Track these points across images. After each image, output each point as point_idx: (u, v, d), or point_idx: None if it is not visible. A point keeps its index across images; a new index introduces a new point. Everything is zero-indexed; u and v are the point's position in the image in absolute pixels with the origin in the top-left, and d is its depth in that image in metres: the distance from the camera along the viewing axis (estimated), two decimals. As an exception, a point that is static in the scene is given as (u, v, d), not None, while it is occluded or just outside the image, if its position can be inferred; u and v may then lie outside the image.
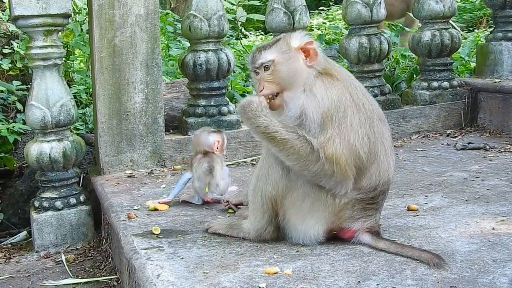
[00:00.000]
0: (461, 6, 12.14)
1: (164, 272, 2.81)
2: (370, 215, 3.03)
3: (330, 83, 2.93)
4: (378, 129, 2.99)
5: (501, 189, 3.89)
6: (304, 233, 3.05)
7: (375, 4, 5.48)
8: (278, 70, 2.98)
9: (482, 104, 5.71)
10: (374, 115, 3.00)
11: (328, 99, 2.89)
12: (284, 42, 3.01)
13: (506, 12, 5.81)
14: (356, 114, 2.92)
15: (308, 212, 3.00)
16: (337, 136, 2.87)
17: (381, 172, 2.99)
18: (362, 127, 2.93)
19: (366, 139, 2.93)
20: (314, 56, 2.98)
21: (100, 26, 4.64)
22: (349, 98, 2.93)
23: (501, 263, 2.77)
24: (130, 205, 3.95)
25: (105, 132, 4.73)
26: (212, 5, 5.03)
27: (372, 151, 2.95)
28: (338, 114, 2.88)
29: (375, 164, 2.97)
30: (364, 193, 2.98)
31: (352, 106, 2.92)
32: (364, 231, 3.02)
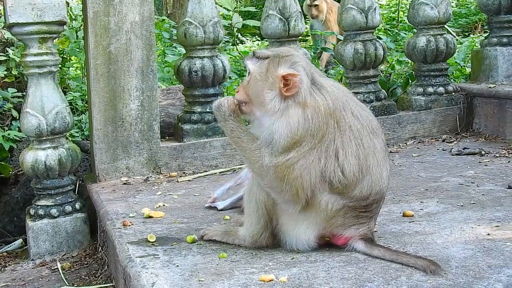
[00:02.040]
0: (457, 11, 12.17)
1: (159, 280, 2.81)
2: (364, 223, 3.02)
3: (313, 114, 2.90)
4: (369, 143, 2.99)
5: (496, 195, 3.90)
6: (296, 238, 3.05)
7: (370, 10, 5.49)
8: (252, 84, 3.01)
9: (477, 109, 5.72)
10: (364, 131, 2.99)
11: (303, 129, 2.88)
12: (271, 62, 2.97)
13: (501, 17, 5.83)
14: (338, 138, 2.92)
15: (300, 217, 3.00)
16: (301, 159, 2.89)
17: (373, 182, 2.99)
18: (347, 148, 2.93)
19: (353, 158, 2.93)
20: (293, 89, 2.91)
21: (95, 33, 4.64)
22: (334, 125, 2.92)
23: (496, 269, 2.77)
24: (126, 212, 3.94)
25: (100, 139, 4.73)
26: (208, 12, 5.03)
27: (364, 165, 2.96)
28: (313, 141, 2.89)
29: (367, 176, 2.97)
30: (356, 201, 2.97)
31: (335, 131, 2.92)
32: (357, 238, 3.02)
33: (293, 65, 2.95)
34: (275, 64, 2.96)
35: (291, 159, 2.88)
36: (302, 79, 2.92)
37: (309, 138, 2.88)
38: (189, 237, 3.32)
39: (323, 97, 2.95)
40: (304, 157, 2.88)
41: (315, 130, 2.89)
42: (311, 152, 2.89)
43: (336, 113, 2.94)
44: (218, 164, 5.03)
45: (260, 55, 3.03)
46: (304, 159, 2.88)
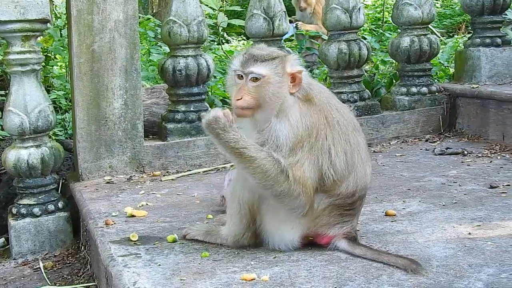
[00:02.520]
0: (441, 11, 12.23)
1: (141, 279, 2.80)
2: (347, 221, 3.04)
3: (307, 110, 2.95)
4: (354, 140, 3.04)
5: (478, 194, 3.92)
6: (280, 239, 3.06)
7: (355, 10, 5.50)
8: (265, 88, 2.94)
9: (460, 109, 5.75)
10: (349, 127, 3.04)
11: (302, 126, 2.92)
12: (280, 63, 2.97)
13: (484, 18, 5.86)
14: (329, 134, 2.96)
15: (285, 218, 3.00)
16: (306, 160, 2.91)
17: (358, 179, 3.02)
18: (337, 144, 2.97)
19: (342, 154, 2.97)
20: (298, 85, 2.98)
21: (78, 32, 4.62)
22: (324, 121, 2.96)
23: (477, 267, 2.79)
24: (108, 211, 3.93)
25: (83, 138, 4.71)
26: (192, 11, 5.02)
27: (350, 161, 2.99)
28: (310, 140, 2.92)
29: (353, 173, 3.00)
30: (342, 198, 2.99)
31: (326, 127, 2.96)
32: (341, 237, 3.03)
33: (295, 62, 3.03)
34: (284, 66, 2.98)
35: (300, 160, 2.90)
36: (304, 75, 3.02)
37: (307, 137, 2.91)
38: (170, 237, 3.32)
39: (314, 94, 3.00)
40: (307, 158, 2.91)
41: (311, 128, 2.92)
42: (311, 151, 2.92)
43: (324, 109, 2.98)
44: (201, 163, 5.02)
45: (265, 57, 2.98)
46: (309, 159, 2.91)
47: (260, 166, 2.85)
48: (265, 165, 2.86)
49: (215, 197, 4.13)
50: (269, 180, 2.87)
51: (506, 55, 5.80)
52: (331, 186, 2.97)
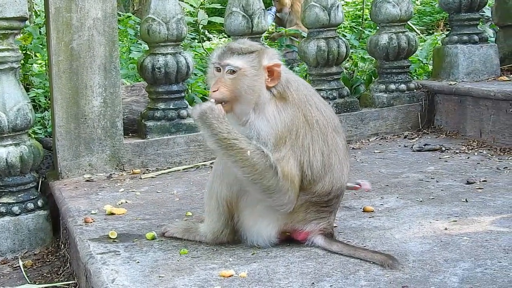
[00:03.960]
0: (421, 9, 12.32)
1: (119, 277, 2.81)
2: (324, 217, 3.07)
3: (284, 107, 2.96)
4: (333, 141, 3.04)
5: (455, 190, 3.97)
6: (257, 235, 3.08)
7: (333, 7, 5.54)
8: (240, 80, 2.96)
9: (438, 106, 5.80)
10: (329, 128, 3.04)
11: (281, 123, 2.93)
12: (257, 56, 2.99)
13: (462, 15, 5.91)
14: (308, 133, 2.97)
15: (262, 214, 3.03)
16: (291, 157, 2.93)
17: (335, 179, 3.04)
18: (315, 143, 2.98)
19: (319, 154, 2.98)
20: (276, 79, 2.98)
21: (57, 30, 4.61)
22: (302, 119, 2.97)
23: (452, 262, 2.82)
24: (88, 209, 3.93)
25: (63, 136, 4.70)
26: (171, 9, 5.03)
27: (327, 162, 3.00)
28: (291, 137, 2.93)
29: (329, 173, 3.01)
30: (318, 196, 3.01)
31: (305, 126, 2.97)
32: (317, 233, 3.06)
33: (274, 56, 3.03)
34: (260, 59, 2.99)
35: (285, 156, 2.91)
36: (283, 69, 3.02)
37: (288, 134, 2.93)
38: (148, 234, 3.33)
39: (292, 90, 3.01)
40: (291, 155, 2.93)
41: (290, 125, 2.94)
42: (293, 148, 2.94)
43: (302, 107, 2.99)
44: (181, 160, 5.03)
45: (243, 50, 2.99)
46: (293, 156, 2.93)
47: (249, 159, 2.86)
48: (253, 158, 2.87)
49: (195, 194, 4.15)
50: (257, 174, 2.88)
51: (483, 52, 5.86)
52: (308, 185, 2.99)
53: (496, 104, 5.12)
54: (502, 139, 5.04)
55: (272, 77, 2.98)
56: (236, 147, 2.88)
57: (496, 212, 3.51)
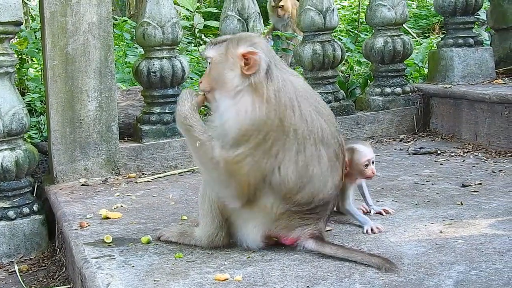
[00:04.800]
0: (417, 12, 12.32)
1: (114, 281, 2.81)
2: (310, 224, 3.03)
3: (259, 104, 2.88)
4: (312, 152, 2.94)
5: (450, 193, 3.97)
6: (245, 237, 3.09)
7: (328, 11, 5.55)
8: (214, 69, 3.01)
9: (434, 109, 5.81)
10: (311, 139, 2.94)
11: (249, 120, 2.87)
12: (231, 44, 2.98)
13: (457, 19, 5.93)
14: (281, 140, 2.89)
15: (248, 217, 3.03)
16: (249, 157, 2.88)
17: (315, 190, 2.97)
18: (287, 152, 2.91)
19: (292, 164, 2.91)
20: (253, 67, 2.91)
21: (52, 34, 4.61)
22: (277, 123, 2.88)
23: (447, 265, 2.82)
24: (83, 214, 3.93)
25: (58, 141, 4.70)
26: (166, 13, 5.03)
27: (304, 174, 2.93)
28: (257, 137, 2.87)
29: (309, 185, 2.95)
30: (299, 206, 2.98)
31: (279, 131, 2.89)
32: (307, 238, 3.03)
33: (253, 45, 2.96)
34: (234, 44, 2.97)
35: (240, 154, 2.87)
36: (261, 58, 2.92)
37: (255, 132, 2.86)
38: (144, 238, 3.33)
39: (271, 89, 2.91)
40: (252, 154, 2.87)
41: (260, 125, 2.86)
42: (257, 149, 2.87)
43: (281, 111, 2.90)
44: (177, 164, 5.03)
45: (217, 40, 3.06)
46: (252, 156, 2.87)
47: (199, 149, 2.95)
48: (202, 148, 2.94)
49: (190, 198, 4.15)
50: (204, 163, 2.98)
51: (478, 55, 5.87)
52: (286, 193, 2.94)
53: (491, 107, 5.12)
54: (497, 142, 5.05)
55: (249, 65, 2.92)
56: (190, 133, 3.00)
57: (491, 215, 3.51)
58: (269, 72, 2.94)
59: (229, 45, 2.98)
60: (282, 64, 3.07)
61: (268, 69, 2.94)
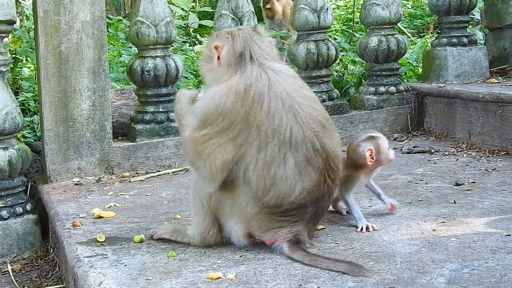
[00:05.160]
0: (412, 12, 12.33)
1: (107, 280, 2.81)
2: (284, 226, 2.99)
3: (228, 93, 2.89)
4: (273, 154, 2.88)
5: (443, 192, 3.97)
6: (229, 232, 3.12)
7: (323, 10, 5.55)
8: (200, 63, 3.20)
9: (428, 108, 5.81)
10: (275, 139, 2.88)
11: (214, 104, 2.90)
12: (210, 37, 3.12)
13: (451, 18, 5.93)
14: (244, 132, 2.89)
15: (229, 214, 3.06)
16: (213, 139, 2.91)
17: (282, 194, 2.91)
18: (249, 147, 2.89)
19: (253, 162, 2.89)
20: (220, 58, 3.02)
21: (45, 33, 4.60)
22: (243, 115, 2.88)
23: (440, 263, 2.83)
24: (76, 213, 3.93)
25: (51, 140, 4.69)
26: (160, 11, 5.02)
27: (266, 175, 2.89)
28: (222, 123, 2.88)
29: (274, 186, 2.90)
30: (270, 207, 2.95)
31: (244, 123, 2.88)
32: (281, 241, 2.99)
33: (227, 37, 3.02)
34: (213, 38, 3.07)
35: (205, 135, 2.92)
36: (229, 50, 2.99)
37: (220, 119, 2.88)
38: (137, 237, 3.32)
39: (241, 81, 2.92)
40: (216, 137, 2.91)
41: (225, 112, 2.88)
42: (222, 134, 2.89)
43: (248, 104, 2.88)
44: (171, 164, 5.02)
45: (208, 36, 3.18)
46: (216, 139, 2.91)
47: (181, 132, 3.15)
48: (182, 131, 3.11)
49: (184, 197, 4.14)
50: (182, 146, 3.15)
51: (472, 55, 5.88)
52: (256, 193, 2.92)
53: (485, 106, 5.13)
54: (490, 141, 5.06)
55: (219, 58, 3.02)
56: (180, 123, 3.17)
57: (484, 213, 3.52)
58: (242, 64, 2.97)
59: (209, 40, 3.09)
60: (263, 56, 3.02)
61: (241, 61, 2.97)
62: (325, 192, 3.03)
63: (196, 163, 3.01)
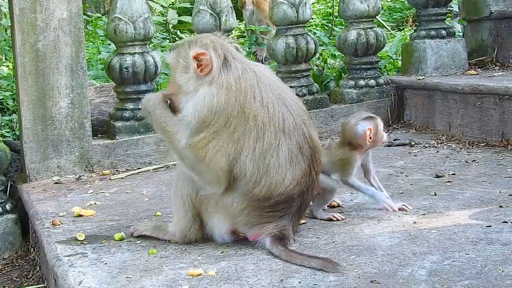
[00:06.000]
0: (391, 5, 12.36)
1: (86, 279, 2.79)
2: (271, 222, 2.99)
3: (217, 92, 2.94)
4: (271, 141, 2.93)
5: (424, 184, 3.98)
6: (212, 230, 3.10)
7: (301, 4, 5.54)
8: (172, 74, 3.14)
9: (407, 101, 5.82)
10: (271, 126, 2.94)
11: (207, 107, 2.93)
12: (184, 48, 3.08)
13: (429, 10, 5.94)
14: (242, 125, 2.92)
15: (213, 211, 3.05)
16: (212, 141, 2.93)
17: (273, 184, 2.94)
18: (247, 139, 2.92)
19: (250, 151, 2.92)
20: (206, 68, 2.99)
21: (22, 31, 4.56)
22: (238, 109, 2.92)
23: (421, 255, 2.83)
24: (56, 212, 3.89)
25: (30, 139, 4.65)
26: (137, 8, 4.99)
27: (261, 163, 2.92)
28: (218, 122, 2.91)
29: (265, 176, 2.93)
30: (258, 201, 2.96)
31: (240, 117, 2.92)
32: (266, 236, 3.00)
33: (203, 46, 3.04)
34: (186, 48, 3.06)
35: (203, 139, 2.93)
36: (212, 58, 3.00)
37: (215, 118, 2.91)
38: (117, 235, 3.30)
39: (230, 78, 2.97)
40: (214, 139, 2.92)
41: (219, 110, 2.92)
42: (220, 134, 2.92)
43: (241, 97, 2.94)
44: (151, 160, 5.00)
45: (174, 46, 3.16)
46: (215, 140, 2.92)
47: (172, 140, 3.06)
48: (175, 140, 3.04)
49: (165, 194, 4.12)
50: (178, 153, 3.05)
51: (451, 47, 5.89)
52: (246, 186, 2.94)
53: (464, 98, 5.15)
54: (470, 132, 5.08)
55: (202, 67, 3.00)
56: (166, 130, 3.08)
57: (464, 204, 3.53)
58: (226, 64, 3.02)
59: (180, 50, 3.09)
60: (243, 57, 3.16)
61: (224, 62, 3.02)
62: (309, 184, 3.06)
63: (198, 169, 2.98)
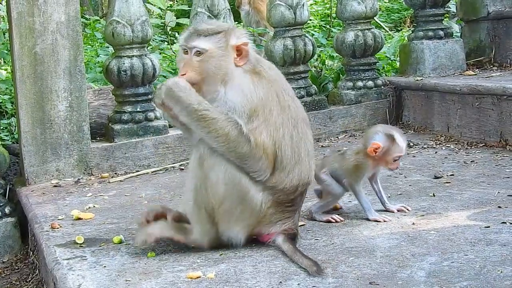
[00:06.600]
0: (389, 6, 12.36)
1: (86, 282, 2.79)
2: (289, 217, 3.05)
3: (258, 81, 2.97)
4: (302, 129, 3.06)
5: (422, 185, 3.99)
6: (228, 240, 3.06)
7: (299, 6, 5.54)
8: (207, 62, 2.97)
9: (406, 102, 5.83)
10: (299, 115, 3.07)
11: (256, 96, 2.94)
12: (224, 36, 3.00)
13: (426, 11, 5.95)
14: (280, 115, 2.98)
15: (236, 220, 3.00)
16: (264, 130, 2.94)
17: (303, 172, 3.03)
18: (286, 127, 2.99)
19: (289, 138, 2.99)
20: (245, 57, 2.99)
21: (20, 34, 4.56)
22: (276, 99, 2.98)
23: (419, 257, 2.83)
24: (55, 215, 3.89)
25: (29, 142, 4.65)
26: (135, 11, 5.00)
27: (296, 150, 3.01)
28: (264, 111, 2.95)
29: (298, 165, 3.01)
30: (285, 194, 2.99)
31: (278, 106, 2.98)
32: (280, 233, 3.03)
33: (243, 35, 3.05)
34: (227, 39, 2.99)
35: (258, 128, 2.93)
36: (251, 47, 3.03)
37: (262, 108, 2.94)
38: (115, 238, 3.29)
39: (265, 67, 3.04)
40: (265, 128, 2.94)
41: (265, 100, 2.95)
42: (266, 123, 2.95)
43: (275, 86, 3.01)
44: (150, 163, 5.00)
45: (206, 30, 3.00)
46: (266, 130, 2.94)
47: (222, 128, 2.89)
48: (226, 126, 2.89)
49: (163, 197, 4.13)
50: (231, 142, 2.89)
51: (448, 47, 5.90)
52: (279, 176, 2.97)
53: (462, 98, 5.15)
54: (469, 133, 5.08)
55: (241, 56, 2.99)
56: (208, 118, 2.90)
57: (463, 205, 3.54)
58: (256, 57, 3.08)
59: (227, 37, 2.99)
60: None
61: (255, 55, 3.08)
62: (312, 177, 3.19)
63: (252, 156, 2.93)
